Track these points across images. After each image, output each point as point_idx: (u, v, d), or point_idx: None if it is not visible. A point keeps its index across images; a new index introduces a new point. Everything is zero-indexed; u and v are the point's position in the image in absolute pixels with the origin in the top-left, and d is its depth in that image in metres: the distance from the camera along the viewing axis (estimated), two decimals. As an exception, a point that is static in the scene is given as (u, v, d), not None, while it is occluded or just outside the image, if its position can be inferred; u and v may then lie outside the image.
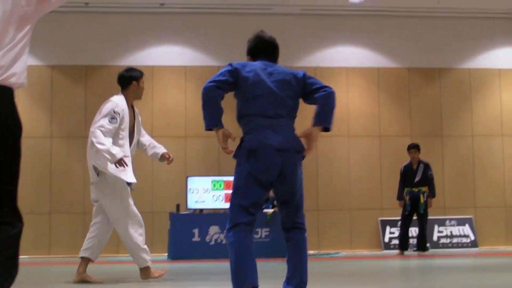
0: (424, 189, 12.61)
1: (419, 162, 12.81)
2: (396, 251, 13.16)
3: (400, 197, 12.90)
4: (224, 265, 4.87)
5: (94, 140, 6.90)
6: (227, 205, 12.41)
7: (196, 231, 12.07)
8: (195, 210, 12.47)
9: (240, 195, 4.80)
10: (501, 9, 14.99)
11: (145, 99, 14.30)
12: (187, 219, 12.23)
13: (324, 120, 4.87)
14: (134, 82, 7.46)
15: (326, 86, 4.96)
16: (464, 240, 14.52)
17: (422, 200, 12.51)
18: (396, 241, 14.05)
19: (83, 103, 14.17)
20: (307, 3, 14.31)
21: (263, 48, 5.27)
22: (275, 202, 13.04)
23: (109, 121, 6.96)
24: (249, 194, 4.78)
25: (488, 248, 14.47)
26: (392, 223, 14.41)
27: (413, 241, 13.25)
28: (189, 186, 12.54)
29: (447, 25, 15.33)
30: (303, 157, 4.87)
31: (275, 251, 11.70)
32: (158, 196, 14.07)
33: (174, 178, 14.03)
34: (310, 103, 4.98)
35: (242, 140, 4.88)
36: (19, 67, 3.61)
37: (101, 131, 6.97)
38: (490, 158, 15.14)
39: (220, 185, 12.51)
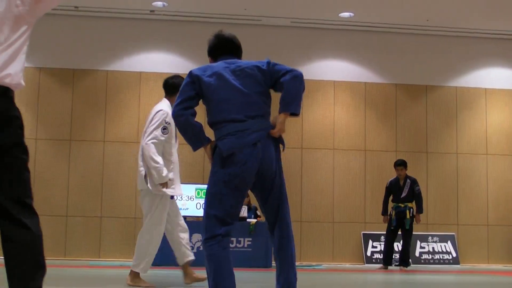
0: (410, 204, 12.61)
1: (406, 177, 12.79)
2: (379, 265, 13.17)
3: (384, 212, 12.90)
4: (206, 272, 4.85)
5: (148, 154, 6.84)
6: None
7: (178, 238, 12.03)
8: (178, 217, 12.43)
9: (215, 205, 4.67)
10: (490, 30, 15.08)
11: (132, 105, 14.33)
12: (170, 226, 12.19)
13: (290, 105, 4.67)
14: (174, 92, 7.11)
15: (292, 70, 4.78)
16: (446, 256, 14.56)
17: (408, 215, 12.50)
18: (378, 255, 14.07)
19: (70, 106, 14.14)
20: (297, 15, 14.35)
21: (223, 46, 5.30)
22: (258, 212, 13.04)
23: (162, 132, 6.88)
24: (225, 203, 4.63)
25: (470, 265, 14.51)
26: (375, 237, 14.44)
27: (395, 256, 13.26)
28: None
29: (436, 43, 15.41)
30: (282, 149, 4.76)
31: (257, 261, 11.72)
32: (142, 203, 14.02)
33: (158, 185, 13.99)
34: (280, 91, 4.80)
35: (215, 146, 4.76)
36: (14, 67, 3.56)
37: (154, 144, 6.88)
38: (474, 176, 15.20)
39: (204, 193, 12.48)
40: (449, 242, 14.68)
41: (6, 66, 3.49)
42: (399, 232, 12.72)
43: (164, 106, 7.06)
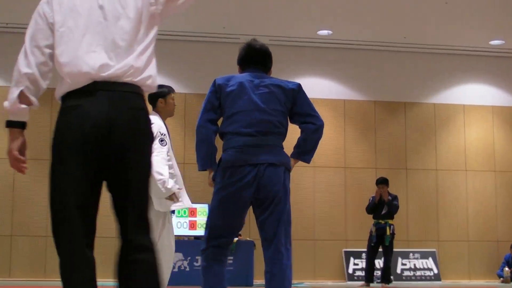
0: (391, 221, 12.60)
1: (388, 194, 12.73)
2: (360, 283, 13.15)
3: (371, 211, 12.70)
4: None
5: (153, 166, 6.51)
6: (191, 233, 12.43)
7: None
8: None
9: (215, 216, 4.69)
10: (467, 46, 15.20)
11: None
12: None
13: (305, 156, 4.79)
14: (161, 99, 6.92)
15: (316, 116, 4.79)
16: (427, 273, 14.57)
17: (388, 232, 12.48)
18: (360, 273, 14.06)
19: (49, 125, 14.06)
20: (276, 33, 14.39)
21: (253, 57, 5.14)
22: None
23: (161, 145, 6.46)
24: (224, 215, 4.65)
25: (451, 281, 14.53)
26: (356, 255, 14.43)
27: (377, 273, 13.25)
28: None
29: (414, 59, 15.49)
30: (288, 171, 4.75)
31: (239, 279, 11.70)
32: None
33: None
34: (296, 123, 4.81)
35: (220, 159, 4.74)
36: (153, 69, 3.51)
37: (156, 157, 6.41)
38: (454, 192, 15.25)
39: (184, 212, 12.46)
40: (430, 258, 14.69)
41: (146, 67, 3.44)
42: (380, 249, 12.70)
43: (155, 119, 6.81)
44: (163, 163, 6.35)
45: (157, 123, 6.57)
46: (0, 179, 13.78)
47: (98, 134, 3.23)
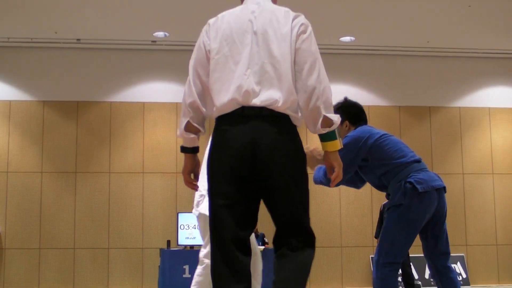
0: None
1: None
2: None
3: (377, 235, 12.86)
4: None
5: None
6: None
7: (186, 267, 11.99)
8: (185, 246, 12.42)
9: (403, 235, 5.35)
10: (490, 49, 15.11)
11: (135, 135, 14.34)
12: (178, 255, 12.16)
13: None
14: None
15: None
16: (455, 278, 14.45)
17: None
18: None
19: (74, 139, 14.16)
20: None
21: (363, 115, 5.91)
22: (265, 238, 12.98)
23: None
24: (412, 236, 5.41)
25: (480, 286, 14.42)
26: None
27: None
28: (180, 223, 12.51)
29: (437, 64, 15.43)
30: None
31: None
32: (149, 232, 14.00)
33: (165, 214, 14.00)
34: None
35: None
36: (296, 95, 3.69)
37: None
38: (481, 196, 15.15)
39: (211, 222, 12.46)
40: (458, 263, 14.61)
41: (291, 94, 3.64)
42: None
43: None
44: None
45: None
46: (27, 192, 13.89)
47: (243, 157, 3.47)
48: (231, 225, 3.53)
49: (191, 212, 13.06)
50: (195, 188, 3.88)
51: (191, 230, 12.39)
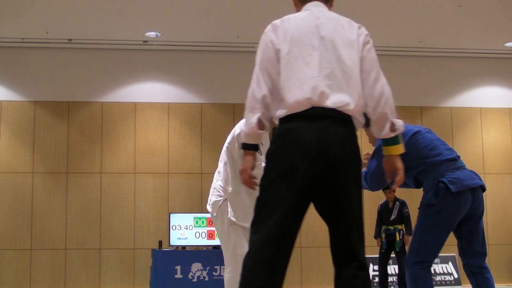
0: (400, 227, 12.57)
1: (395, 200, 12.76)
2: (379, 289, 13.13)
3: (376, 235, 12.89)
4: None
5: None
6: (210, 242, 12.42)
7: (178, 268, 12.00)
8: (177, 247, 12.41)
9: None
10: (482, 49, 15.14)
11: (127, 136, 14.32)
12: (170, 256, 12.16)
13: None
14: None
15: None
16: (448, 278, 14.49)
17: (398, 238, 12.46)
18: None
19: (66, 139, 14.13)
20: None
21: None
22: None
23: None
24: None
25: (471, 286, 14.42)
26: (375, 261, 14.37)
27: (394, 279, 13.20)
28: (171, 223, 12.50)
29: (429, 64, 15.45)
30: None
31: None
32: (140, 233, 13.98)
33: (157, 214, 13.98)
34: None
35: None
36: (362, 99, 3.84)
37: None
38: (472, 196, 15.15)
39: (203, 222, 12.47)
40: (450, 263, 14.63)
41: (359, 97, 3.78)
42: (393, 255, 12.71)
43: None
44: None
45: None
46: (18, 193, 13.85)
47: (312, 157, 3.48)
48: (285, 230, 3.69)
49: (183, 213, 13.11)
50: (255, 187, 3.76)
51: (183, 231, 12.40)
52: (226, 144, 6.29)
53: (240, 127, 6.14)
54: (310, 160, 3.49)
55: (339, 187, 3.60)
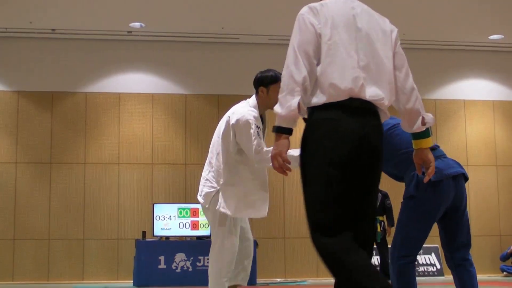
0: (382, 218, 12.61)
1: (378, 191, 12.74)
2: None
3: None
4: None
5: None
6: (193, 233, 12.42)
7: (162, 258, 12.00)
8: (161, 237, 12.41)
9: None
10: (466, 42, 15.19)
11: (111, 126, 14.29)
12: (153, 246, 12.16)
13: None
14: (262, 88, 6.16)
15: None
16: (430, 268, 14.57)
17: (379, 229, 12.51)
18: (362, 270, 14.09)
19: (49, 129, 14.08)
20: (275, 32, 14.38)
21: None
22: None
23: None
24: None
25: (453, 277, 14.51)
26: (358, 252, 14.43)
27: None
28: (155, 213, 12.49)
29: (413, 56, 15.40)
30: None
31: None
32: (124, 223, 13.97)
33: (140, 205, 13.96)
34: None
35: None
36: (393, 92, 3.89)
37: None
38: (455, 187, 15.22)
39: (187, 213, 12.47)
40: (433, 254, 14.70)
41: (391, 89, 3.81)
42: (375, 246, 12.78)
43: (244, 109, 6.02)
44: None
45: (245, 111, 5.94)
46: (1, 183, 13.80)
47: (351, 147, 3.50)
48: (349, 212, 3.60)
49: (167, 203, 13.09)
50: (288, 171, 3.68)
51: (167, 221, 12.39)
52: (219, 133, 6.07)
53: (238, 115, 5.90)
54: (353, 151, 3.52)
55: (373, 175, 3.70)
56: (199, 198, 6.17)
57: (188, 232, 12.43)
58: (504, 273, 14.51)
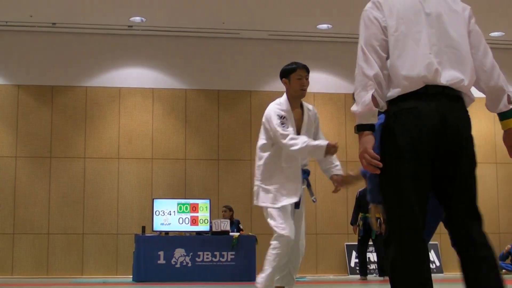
0: (378, 215, 12.59)
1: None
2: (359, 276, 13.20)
3: (353, 222, 13.00)
4: None
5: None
6: (193, 228, 12.41)
7: (161, 253, 11.98)
8: (160, 232, 12.41)
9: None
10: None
11: (111, 121, 14.28)
12: (153, 241, 12.15)
13: None
14: (284, 79, 6.48)
15: None
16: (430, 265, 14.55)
17: (375, 226, 12.51)
18: (361, 266, 14.10)
19: (49, 123, 14.07)
20: (275, 28, 14.37)
21: None
22: (241, 225, 12.98)
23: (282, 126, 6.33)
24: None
25: (453, 274, 14.52)
26: (355, 248, 14.43)
27: (374, 266, 13.28)
28: (155, 209, 12.48)
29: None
30: None
31: (241, 275, 11.69)
32: (124, 218, 13.97)
33: (140, 200, 13.96)
34: None
35: None
36: (474, 77, 3.80)
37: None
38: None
39: (186, 208, 12.46)
40: (432, 251, 14.70)
41: (471, 75, 3.73)
42: (371, 242, 12.85)
43: (272, 104, 6.50)
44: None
45: (270, 107, 6.38)
46: (1, 177, 13.79)
47: (433, 134, 3.46)
48: (419, 212, 3.59)
49: (166, 199, 13.10)
50: (378, 170, 3.57)
51: (166, 216, 12.38)
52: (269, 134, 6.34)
53: (265, 113, 6.34)
54: (434, 139, 3.49)
55: (459, 169, 3.70)
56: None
57: (188, 227, 12.42)
58: (503, 270, 14.51)
